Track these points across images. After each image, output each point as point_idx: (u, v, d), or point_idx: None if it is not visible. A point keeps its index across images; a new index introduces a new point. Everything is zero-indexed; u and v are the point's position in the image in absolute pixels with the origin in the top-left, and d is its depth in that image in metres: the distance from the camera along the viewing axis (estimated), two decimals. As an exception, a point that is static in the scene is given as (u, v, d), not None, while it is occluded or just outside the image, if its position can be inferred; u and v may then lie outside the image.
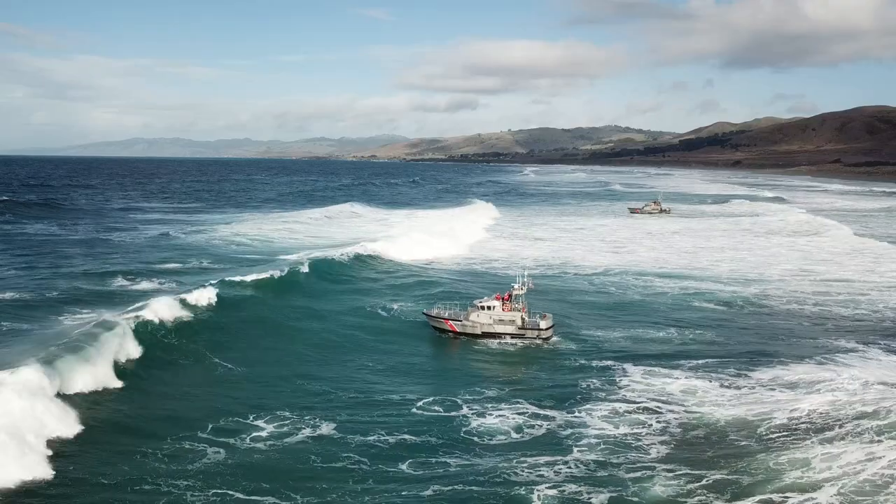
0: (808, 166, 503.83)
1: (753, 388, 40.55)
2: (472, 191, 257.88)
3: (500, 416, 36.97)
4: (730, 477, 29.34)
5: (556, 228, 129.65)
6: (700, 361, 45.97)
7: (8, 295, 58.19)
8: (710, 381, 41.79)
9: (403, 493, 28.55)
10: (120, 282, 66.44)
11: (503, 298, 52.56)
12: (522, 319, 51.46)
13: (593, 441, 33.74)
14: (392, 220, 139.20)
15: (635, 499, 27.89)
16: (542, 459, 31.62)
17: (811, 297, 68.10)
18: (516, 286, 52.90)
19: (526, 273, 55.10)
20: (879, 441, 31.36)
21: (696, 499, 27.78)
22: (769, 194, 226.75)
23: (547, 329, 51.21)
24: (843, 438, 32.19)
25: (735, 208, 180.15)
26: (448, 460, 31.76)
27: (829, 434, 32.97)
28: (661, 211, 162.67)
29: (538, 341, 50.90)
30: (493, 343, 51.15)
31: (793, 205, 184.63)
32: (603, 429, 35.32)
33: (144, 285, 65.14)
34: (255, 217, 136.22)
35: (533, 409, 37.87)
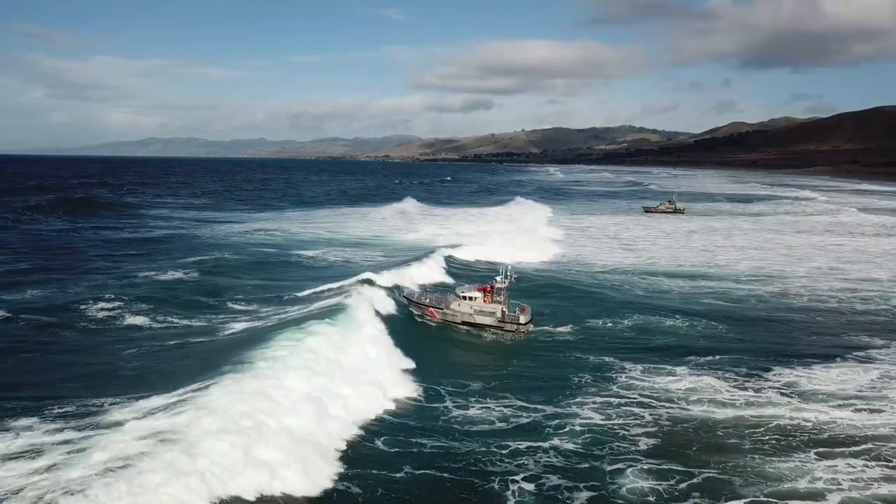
0: (826, 166, 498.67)
1: (760, 390, 38.79)
2: (509, 190, 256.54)
3: (483, 406, 35.98)
4: (721, 477, 28.26)
5: (624, 230, 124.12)
6: (704, 360, 44.29)
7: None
8: (717, 380, 40.19)
9: (374, 472, 28.12)
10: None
11: (485, 290, 52.55)
12: (503, 312, 51.27)
13: (578, 430, 32.74)
14: (456, 218, 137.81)
15: (620, 492, 26.96)
16: (523, 445, 30.80)
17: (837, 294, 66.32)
18: (499, 279, 52.62)
19: (510, 267, 54.98)
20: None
21: (682, 496, 26.76)
22: (811, 195, 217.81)
23: (526, 323, 51.00)
24: (856, 456, 30.50)
25: (770, 208, 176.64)
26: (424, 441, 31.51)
27: (839, 449, 31.16)
28: (676, 210, 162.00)
29: (517, 335, 50.55)
30: (486, 335, 50.67)
31: (845, 205, 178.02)
32: (590, 418, 34.32)
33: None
34: (333, 215, 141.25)
35: (520, 402, 36.61)
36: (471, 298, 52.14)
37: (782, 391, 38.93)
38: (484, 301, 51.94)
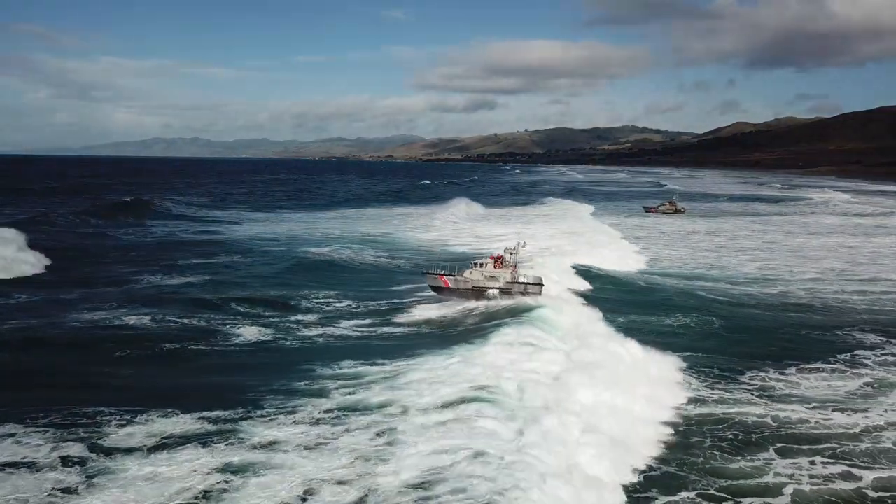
0: (829, 166, 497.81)
1: (734, 389, 38.43)
2: (537, 190, 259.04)
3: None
4: (679, 472, 28.33)
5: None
6: (684, 357, 43.45)
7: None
8: (693, 378, 39.92)
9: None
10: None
11: (496, 259, 57.48)
12: (512, 276, 55.72)
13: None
14: (521, 219, 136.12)
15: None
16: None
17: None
18: (510, 247, 59.14)
19: (524, 241, 62.85)
20: (868, 467, 29.38)
21: (638, 489, 26.81)
22: (843, 196, 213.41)
23: (528, 283, 54.88)
24: (819, 454, 30.39)
25: (800, 209, 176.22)
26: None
27: (804, 447, 31.02)
28: (676, 211, 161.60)
29: (524, 296, 53.74)
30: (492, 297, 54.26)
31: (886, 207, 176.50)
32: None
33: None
34: (401, 215, 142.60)
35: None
36: (482, 265, 56.47)
37: (756, 391, 38.58)
38: (494, 267, 56.21)
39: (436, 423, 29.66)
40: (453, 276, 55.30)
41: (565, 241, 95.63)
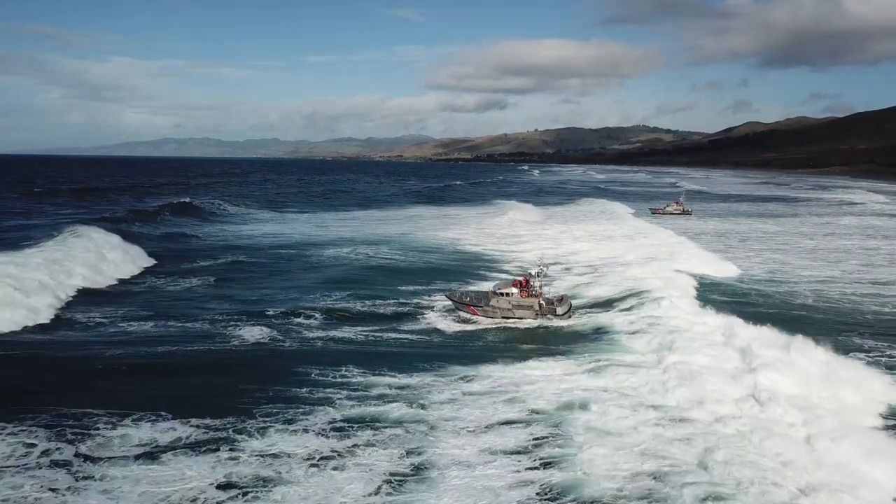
0: (842, 166, 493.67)
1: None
2: (564, 190, 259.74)
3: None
4: None
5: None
6: None
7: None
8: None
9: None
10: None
11: (520, 284, 54.08)
12: (540, 305, 52.69)
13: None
14: (575, 220, 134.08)
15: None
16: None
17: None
18: (533, 272, 55.22)
19: (543, 259, 59.95)
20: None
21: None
22: (875, 197, 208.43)
23: (563, 314, 52.50)
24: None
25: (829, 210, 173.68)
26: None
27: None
28: (684, 212, 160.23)
29: (557, 323, 52.08)
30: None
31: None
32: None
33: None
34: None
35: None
36: (508, 294, 53.22)
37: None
38: (521, 296, 53.17)
39: (479, 449, 28.80)
40: (481, 306, 53.17)
41: (627, 244, 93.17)
